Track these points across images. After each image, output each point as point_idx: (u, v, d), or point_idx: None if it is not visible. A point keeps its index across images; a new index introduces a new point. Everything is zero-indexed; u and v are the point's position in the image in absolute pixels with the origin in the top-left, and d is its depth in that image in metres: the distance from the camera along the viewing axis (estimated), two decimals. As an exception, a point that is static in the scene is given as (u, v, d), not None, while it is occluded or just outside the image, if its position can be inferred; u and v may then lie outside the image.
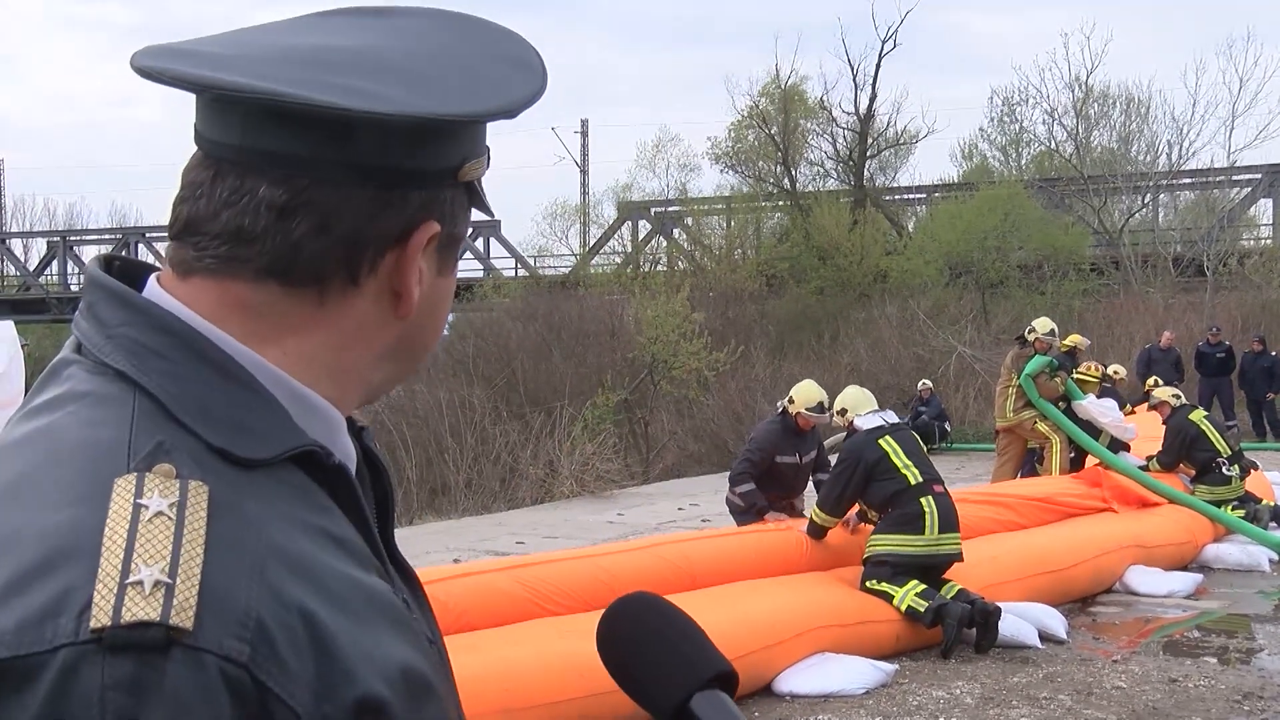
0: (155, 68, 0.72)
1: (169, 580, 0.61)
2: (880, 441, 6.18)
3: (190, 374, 0.71)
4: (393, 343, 0.80)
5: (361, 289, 0.76)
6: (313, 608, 0.65)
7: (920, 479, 6.10)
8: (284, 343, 0.75)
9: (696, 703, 0.84)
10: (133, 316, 0.73)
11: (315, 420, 0.76)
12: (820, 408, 6.95)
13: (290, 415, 0.74)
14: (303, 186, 0.73)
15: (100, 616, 0.59)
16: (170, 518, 0.63)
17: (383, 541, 0.84)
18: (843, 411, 6.62)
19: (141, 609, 0.60)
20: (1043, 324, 10.08)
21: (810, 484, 7.25)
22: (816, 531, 6.41)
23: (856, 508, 6.44)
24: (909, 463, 6.13)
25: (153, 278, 0.77)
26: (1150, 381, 13.16)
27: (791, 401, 7.00)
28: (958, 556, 6.12)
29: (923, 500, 6.03)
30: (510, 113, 0.76)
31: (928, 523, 5.99)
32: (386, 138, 0.73)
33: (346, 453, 0.79)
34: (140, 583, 0.60)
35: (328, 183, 0.73)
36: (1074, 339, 11.40)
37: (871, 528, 6.31)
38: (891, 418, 6.48)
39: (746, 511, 6.97)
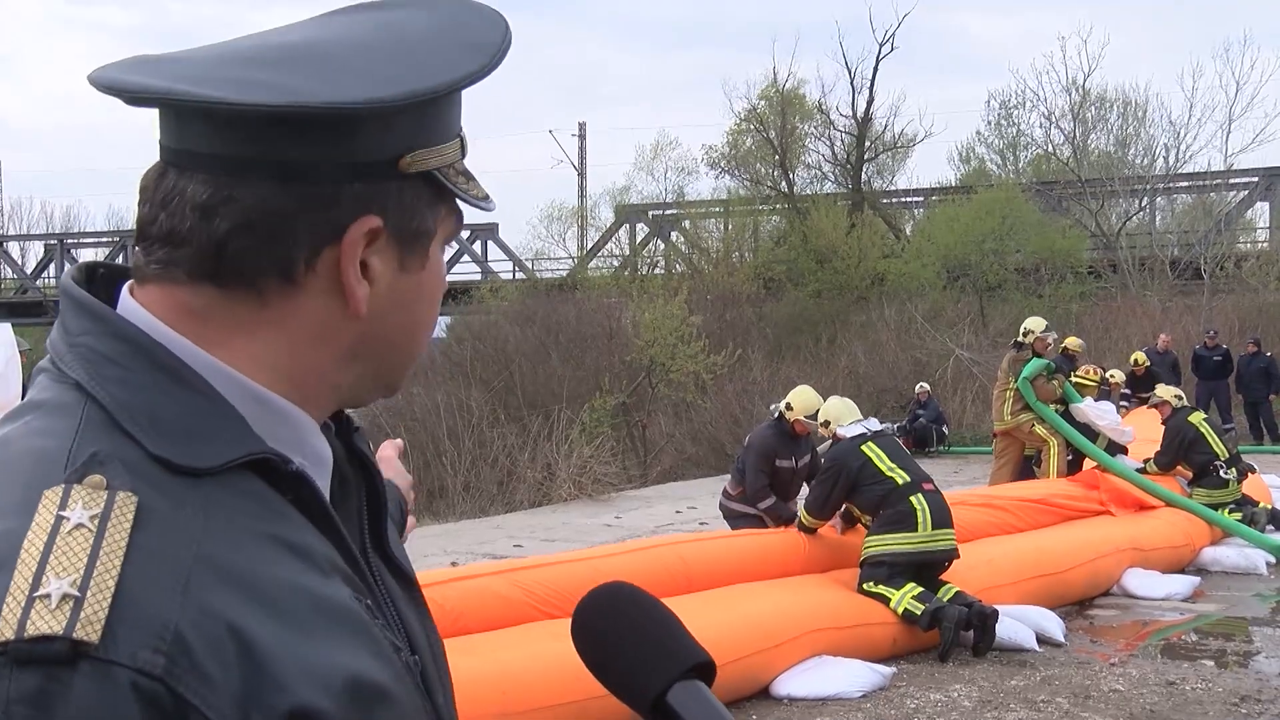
0: (94, 75, 0.73)
1: (78, 594, 0.61)
2: (863, 448, 6.26)
3: (144, 382, 0.71)
4: (354, 343, 0.77)
5: (303, 288, 0.74)
6: (242, 618, 0.64)
7: (908, 479, 6.17)
8: (232, 345, 0.74)
9: (675, 693, 0.83)
10: (92, 325, 0.73)
11: (279, 423, 0.75)
12: (815, 415, 7.01)
13: (246, 421, 0.73)
14: (225, 185, 0.72)
15: (4, 630, 0.59)
16: (90, 529, 0.63)
17: (375, 540, 0.84)
18: (825, 423, 6.69)
19: (45, 622, 0.59)
20: (1035, 323, 10.09)
21: (804, 489, 7.28)
22: (805, 530, 6.56)
23: (843, 509, 6.49)
24: (894, 465, 6.21)
25: (126, 285, 0.77)
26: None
27: (789, 408, 7.04)
28: (954, 553, 6.14)
29: (912, 499, 6.08)
30: (419, 96, 0.72)
31: (920, 519, 6.03)
32: (298, 131, 0.71)
33: (317, 456, 0.78)
34: (48, 595, 0.60)
35: (249, 180, 0.72)
36: (1071, 342, 11.42)
37: (863, 531, 6.36)
38: (874, 425, 6.55)
39: (753, 519, 7.02)
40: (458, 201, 0.80)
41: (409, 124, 0.75)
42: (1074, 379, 10.20)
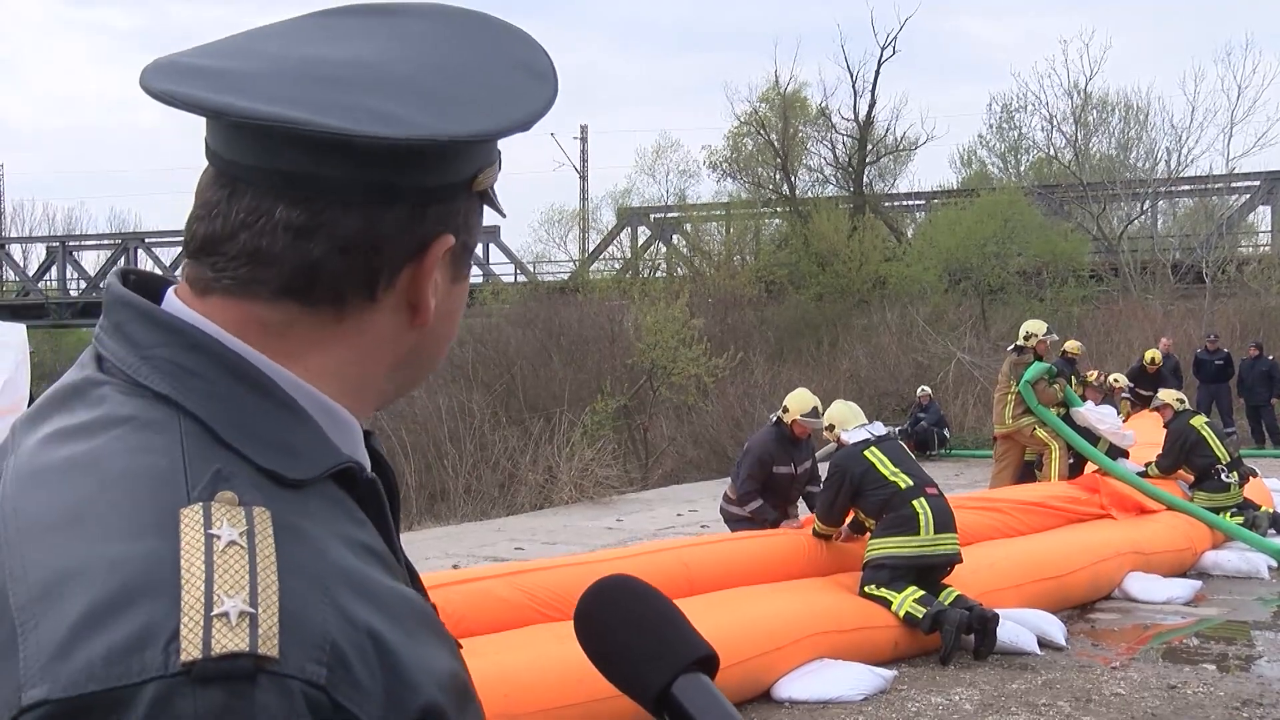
0: (169, 91, 0.72)
1: (252, 610, 0.62)
2: (866, 453, 6.28)
3: (230, 394, 0.71)
4: (408, 353, 0.80)
5: (379, 304, 0.76)
6: (377, 625, 0.66)
7: (911, 483, 6.19)
8: (307, 359, 0.75)
9: (679, 686, 0.83)
10: (166, 337, 0.73)
11: (344, 432, 0.77)
12: (815, 412, 7.03)
13: (324, 432, 0.75)
14: (320, 208, 0.73)
15: (190, 649, 0.60)
16: (243, 547, 0.64)
17: (390, 542, 0.86)
18: (830, 427, 6.71)
19: (230, 640, 0.61)
20: (1036, 325, 10.08)
21: (802, 496, 7.31)
22: (821, 538, 6.61)
23: (851, 515, 6.51)
24: (897, 470, 6.23)
25: (171, 293, 0.77)
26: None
27: (786, 410, 7.07)
28: (956, 557, 6.15)
29: (915, 503, 6.09)
30: (525, 126, 0.76)
31: (922, 523, 6.04)
32: (402, 158, 0.73)
33: (364, 459, 0.80)
34: (226, 614, 0.61)
35: (344, 203, 0.73)
36: (1070, 345, 11.42)
37: (868, 536, 6.38)
38: (878, 430, 6.56)
39: (752, 522, 7.03)
40: (500, 214, 0.84)
41: (484, 147, 0.78)
42: (1087, 384, 10.22)
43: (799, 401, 7.09)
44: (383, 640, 0.66)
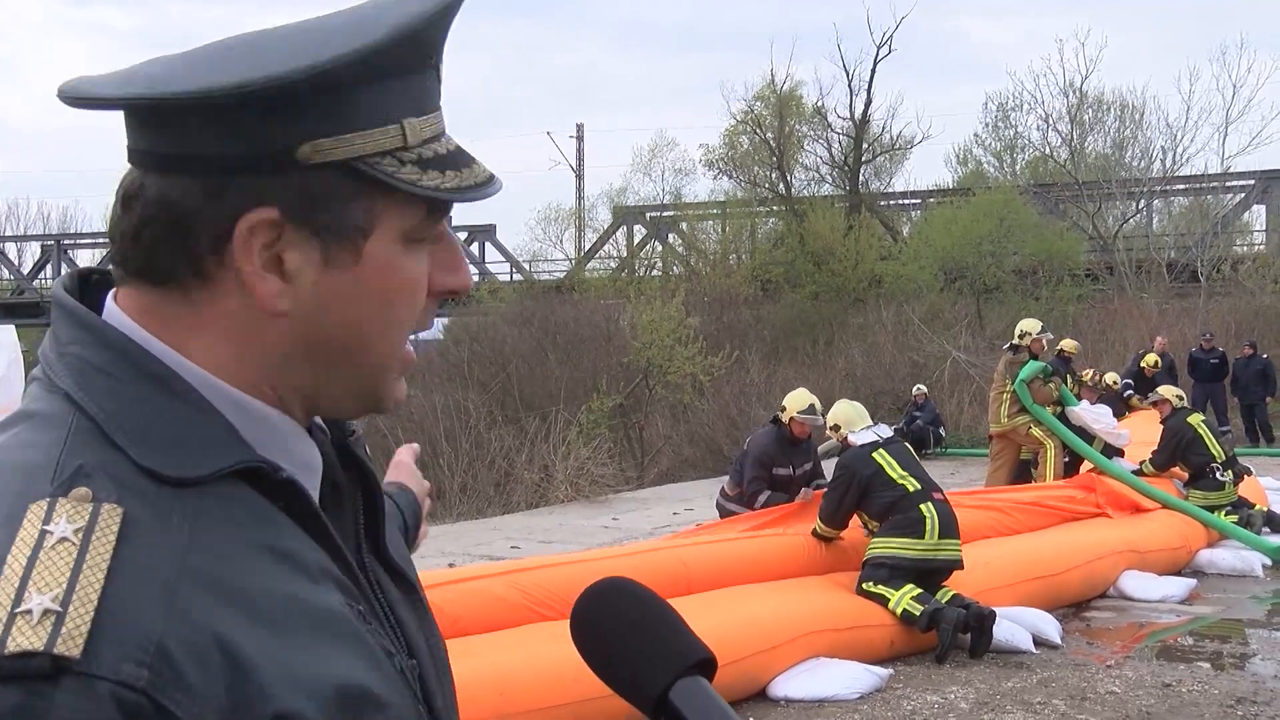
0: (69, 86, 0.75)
1: (59, 609, 0.61)
2: (874, 455, 6.25)
3: (133, 391, 0.71)
4: (292, 343, 0.75)
5: (219, 284, 0.73)
6: (228, 629, 0.65)
7: (919, 486, 6.17)
8: (190, 347, 0.74)
9: (678, 690, 0.83)
10: (81, 334, 0.73)
11: (263, 428, 0.75)
12: (812, 410, 7.05)
13: (235, 429, 0.73)
14: (137, 177, 0.74)
15: None
16: (74, 544, 0.63)
17: (372, 545, 0.84)
18: (836, 428, 6.67)
19: (26, 638, 0.60)
20: (1031, 324, 10.10)
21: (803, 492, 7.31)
22: (822, 539, 6.54)
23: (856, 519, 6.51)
24: (905, 473, 6.21)
25: (111, 292, 0.77)
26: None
27: (784, 410, 7.10)
28: (958, 564, 6.14)
29: (922, 506, 6.08)
30: (272, 83, 0.69)
31: (928, 527, 6.03)
32: (182, 124, 0.71)
33: (306, 461, 0.78)
34: (29, 611, 0.61)
35: (154, 173, 0.73)
36: (1066, 344, 11.43)
37: (864, 532, 6.39)
38: (885, 432, 6.54)
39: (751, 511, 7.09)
40: (423, 193, 0.74)
41: (304, 110, 0.71)
42: (1083, 383, 10.24)
43: (796, 400, 7.14)
44: (230, 644, 0.64)
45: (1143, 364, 15.22)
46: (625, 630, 0.86)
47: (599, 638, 0.88)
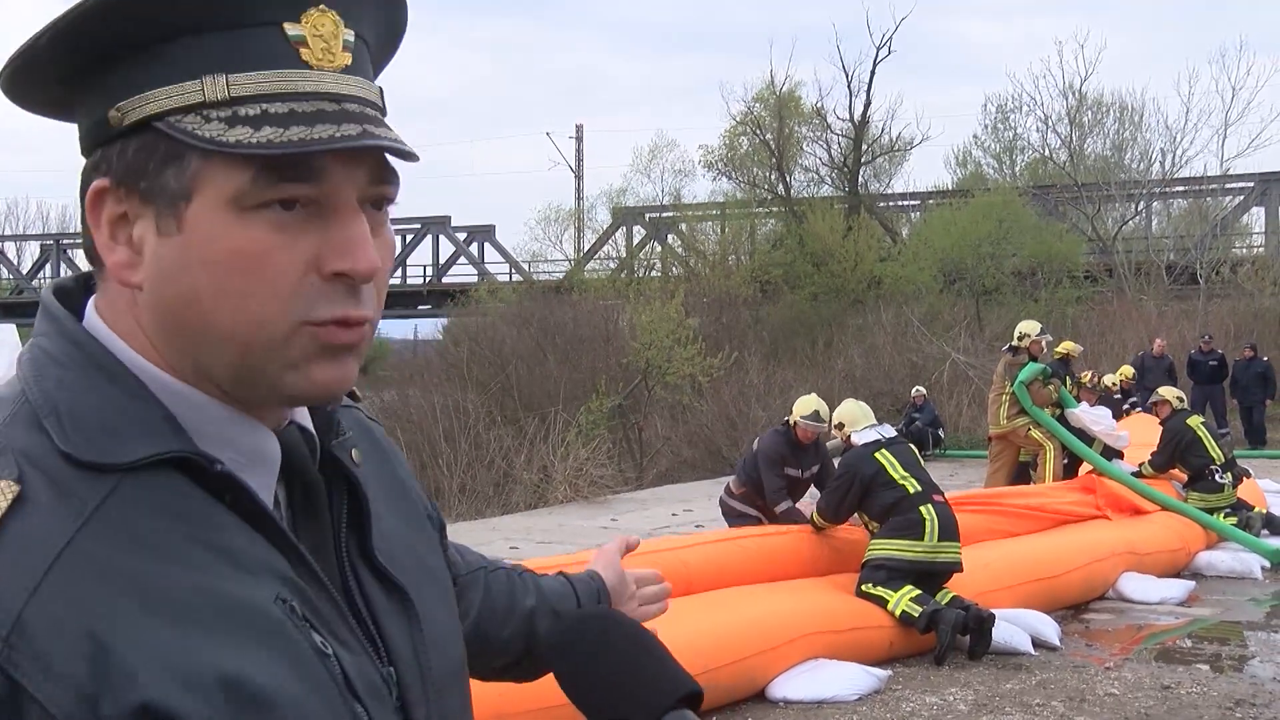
0: None
1: None
2: (876, 455, 6.27)
3: (81, 381, 0.73)
4: (152, 318, 0.74)
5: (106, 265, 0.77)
6: (105, 612, 0.65)
7: (919, 488, 6.19)
8: (120, 334, 0.76)
9: None
10: (50, 328, 0.76)
11: (202, 416, 0.74)
12: (816, 416, 7.07)
13: (175, 419, 0.73)
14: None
15: None
16: None
17: (360, 548, 0.83)
18: (840, 426, 6.69)
19: None
20: (1030, 326, 10.08)
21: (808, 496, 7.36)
22: (818, 529, 6.61)
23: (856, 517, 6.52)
24: (907, 474, 6.23)
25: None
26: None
27: (790, 414, 7.18)
28: (957, 566, 6.13)
29: (923, 508, 6.09)
30: (33, 45, 0.74)
31: (928, 529, 6.03)
32: (61, 98, 0.76)
33: (254, 451, 0.76)
34: None
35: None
36: (1067, 346, 11.42)
37: (864, 530, 6.41)
38: (888, 432, 6.56)
39: (746, 518, 7.09)
40: (225, 150, 0.70)
41: (102, 76, 0.72)
42: (1083, 385, 10.23)
43: (801, 406, 7.23)
44: (103, 628, 0.64)
45: (1109, 384, 13.89)
46: (609, 662, 0.84)
47: (581, 669, 0.85)
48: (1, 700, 0.62)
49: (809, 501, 7.10)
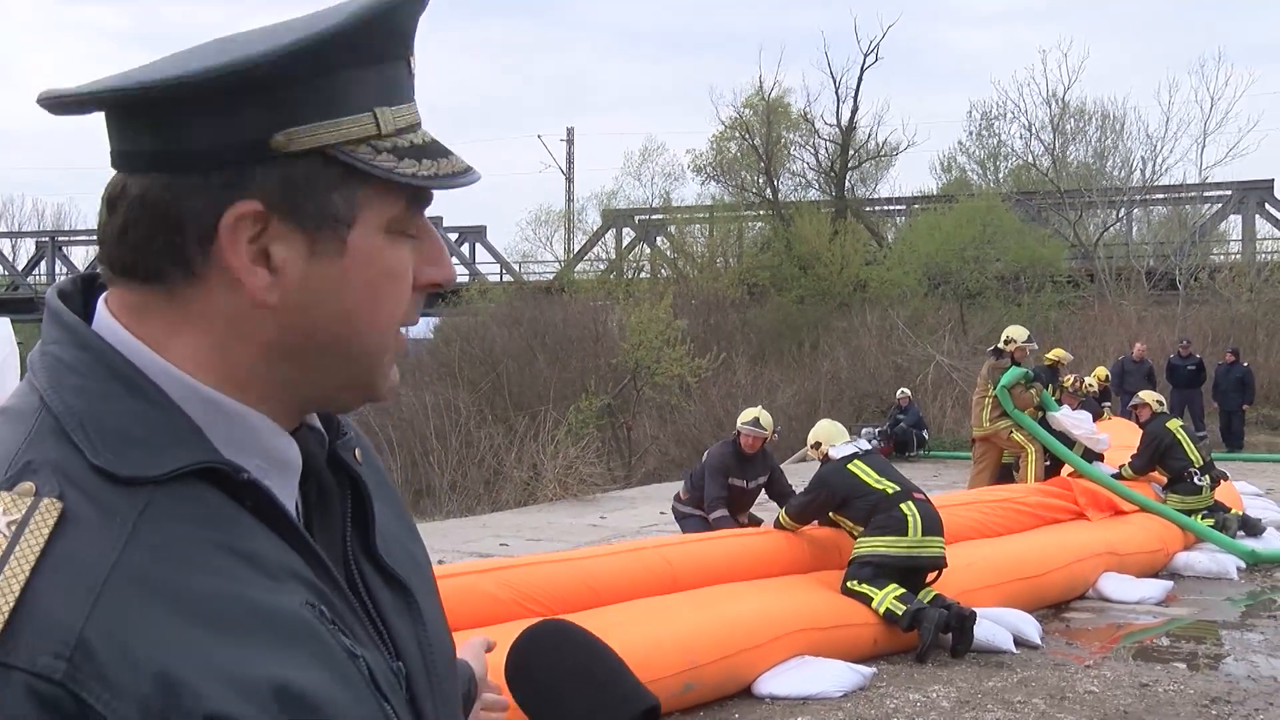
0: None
1: None
2: (850, 466, 6.33)
3: (99, 390, 0.71)
4: (280, 336, 0.74)
5: (205, 279, 0.72)
6: (160, 626, 0.64)
7: (898, 488, 6.24)
8: (170, 344, 0.73)
9: None
10: (61, 334, 0.74)
11: (233, 425, 0.74)
12: (756, 423, 7.33)
13: (200, 429, 0.72)
14: (120, 178, 0.73)
15: None
16: (4, 536, 0.64)
17: (363, 547, 0.83)
18: (817, 445, 6.74)
19: None
20: (1018, 332, 10.11)
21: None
22: (783, 529, 6.68)
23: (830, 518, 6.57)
24: (881, 478, 6.29)
25: (104, 293, 0.77)
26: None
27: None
28: (941, 561, 6.15)
29: (903, 506, 6.13)
30: (238, 66, 0.69)
31: (911, 525, 6.06)
32: (167, 117, 0.71)
33: (283, 458, 0.77)
34: None
35: (138, 170, 0.72)
36: (1057, 353, 11.45)
37: (844, 530, 6.44)
38: (863, 445, 6.61)
39: (701, 521, 7.34)
40: (401, 181, 0.74)
41: (273, 101, 0.71)
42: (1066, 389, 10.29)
43: (743, 415, 7.48)
44: (161, 642, 0.64)
45: (1085, 387, 13.23)
46: (568, 677, 0.83)
47: (539, 686, 0.84)
48: (67, 717, 0.61)
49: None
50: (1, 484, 0.66)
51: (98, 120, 0.76)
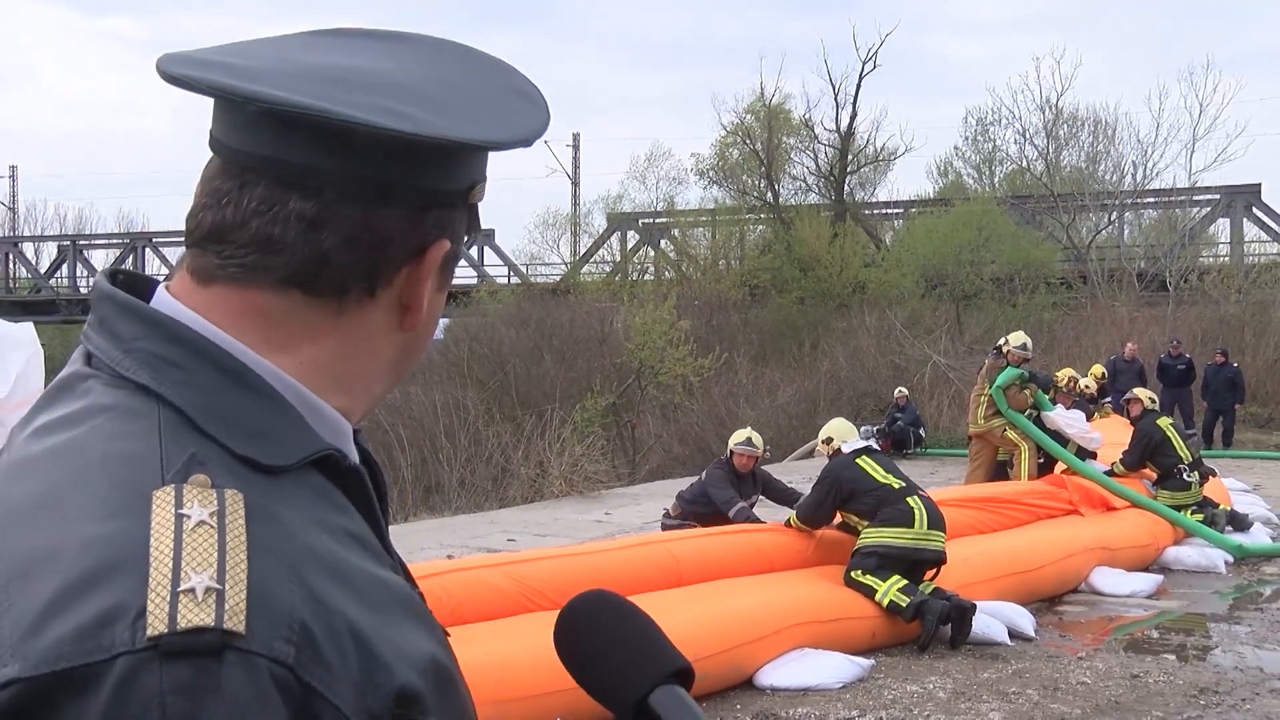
0: (192, 77, 0.71)
1: (219, 586, 0.61)
2: (858, 461, 6.34)
3: (208, 384, 0.70)
4: (397, 355, 0.80)
5: (377, 301, 0.76)
6: (348, 607, 0.65)
7: (904, 484, 6.27)
8: (300, 350, 0.74)
9: (656, 698, 0.83)
10: (148, 329, 0.72)
11: (325, 428, 0.75)
12: (749, 442, 7.31)
13: (306, 421, 0.73)
14: (331, 200, 0.72)
15: (156, 624, 0.59)
16: (212, 526, 0.63)
17: (377, 532, 0.85)
18: (829, 440, 6.68)
19: (196, 615, 0.60)
20: (1016, 338, 10.13)
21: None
22: (797, 530, 6.58)
23: (838, 519, 6.52)
24: (888, 475, 6.31)
25: (161, 288, 0.76)
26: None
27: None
28: (942, 556, 6.14)
29: (909, 500, 6.16)
30: (527, 142, 0.77)
31: (917, 518, 6.08)
32: (411, 158, 0.73)
33: (348, 450, 0.79)
34: (193, 590, 0.60)
35: (356, 198, 0.73)
36: (1066, 372, 11.49)
37: (848, 530, 6.43)
38: (872, 444, 6.63)
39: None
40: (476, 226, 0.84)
41: (481, 161, 0.79)
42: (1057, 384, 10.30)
43: (735, 436, 7.44)
44: (354, 621, 0.65)
45: (1083, 387, 13.15)
46: (606, 640, 0.87)
47: (581, 647, 0.88)
48: (298, 705, 0.61)
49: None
50: (174, 477, 0.65)
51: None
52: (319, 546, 0.67)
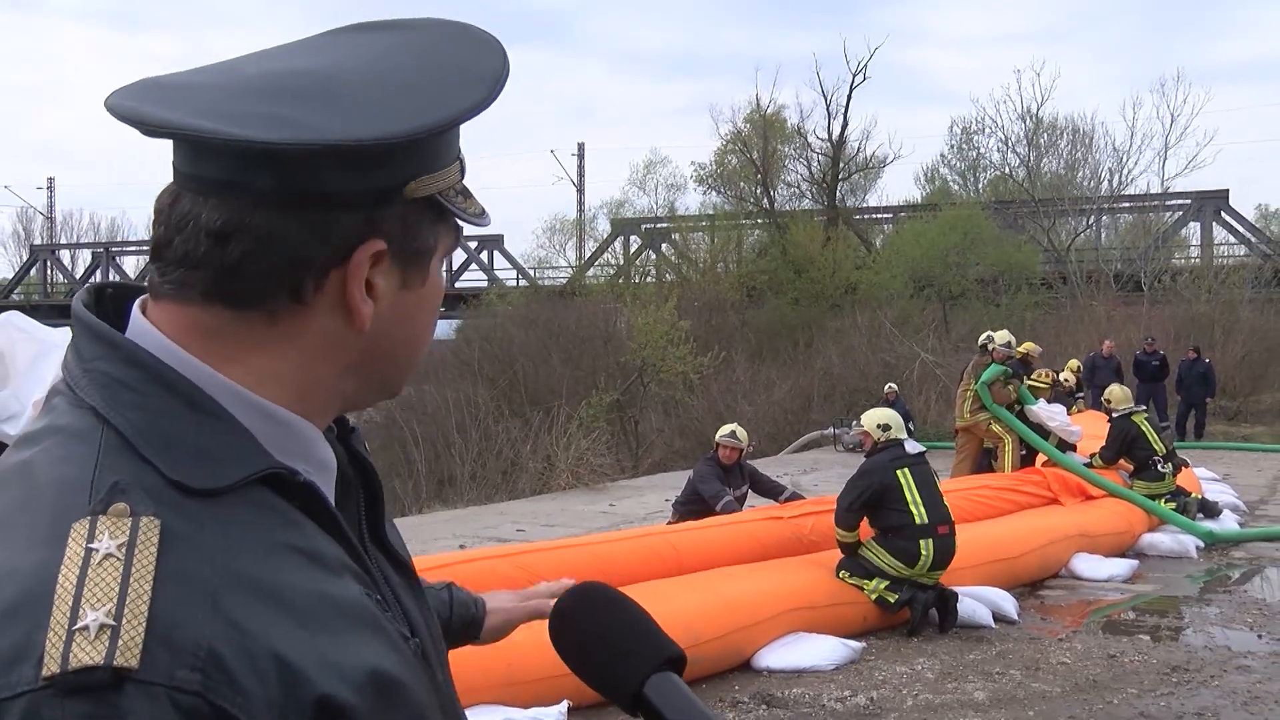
0: (109, 103, 0.70)
1: (114, 623, 0.60)
2: (898, 471, 5.95)
3: (158, 406, 0.69)
4: (358, 356, 0.75)
5: (312, 307, 0.72)
6: (269, 626, 0.64)
7: (926, 520, 5.88)
8: (248, 362, 0.72)
9: (652, 684, 0.83)
10: (105, 350, 0.71)
11: (286, 436, 0.73)
12: (733, 435, 7.31)
13: (255, 439, 0.71)
14: (238, 212, 0.69)
15: (50, 664, 0.59)
16: (119, 558, 0.62)
17: (373, 534, 0.83)
18: (885, 427, 6.17)
19: (87, 654, 0.59)
20: (1001, 336, 10.12)
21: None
22: (849, 550, 6.04)
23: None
24: (919, 500, 5.89)
25: (136, 304, 0.74)
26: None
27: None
28: (932, 589, 5.97)
29: (922, 542, 5.86)
30: (423, 133, 0.70)
31: (922, 562, 5.87)
32: (313, 164, 0.69)
33: (324, 462, 0.77)
34: (86, 628, 0.59)
35: (262, 207, 0.69)
36: (1027, 347, 11.43)
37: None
38: (915, 448, 6.16)
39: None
40: (466, 219, 0.79)
41: (413, 153, 0.72)
42: (1029, 382, 10.25)
43: (720, 430, 7.41)
44: (273, 641, 0.63)
45: (1062, 380, 13.23)
46: (603, 630, 0.86)
47: (577, 639, 0.87)
48: None
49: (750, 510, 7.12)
50: (96, 507, 0.64)
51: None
52: (246, 568, 0.65)
